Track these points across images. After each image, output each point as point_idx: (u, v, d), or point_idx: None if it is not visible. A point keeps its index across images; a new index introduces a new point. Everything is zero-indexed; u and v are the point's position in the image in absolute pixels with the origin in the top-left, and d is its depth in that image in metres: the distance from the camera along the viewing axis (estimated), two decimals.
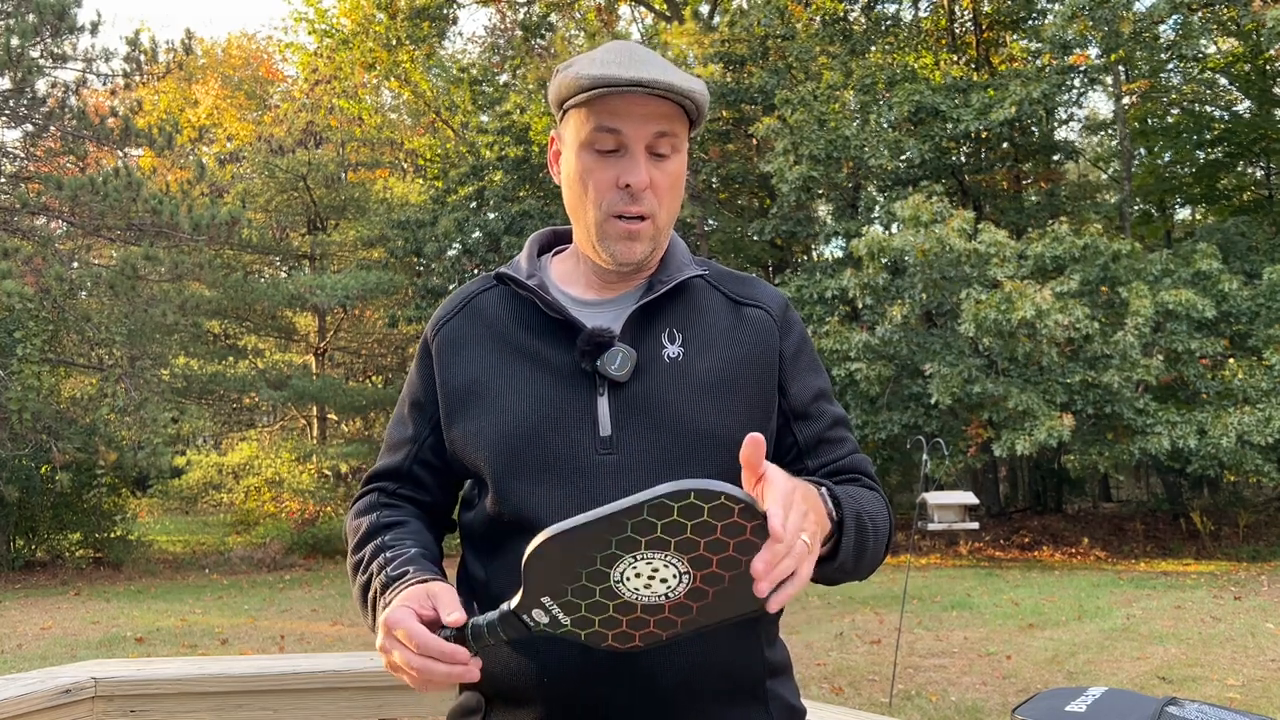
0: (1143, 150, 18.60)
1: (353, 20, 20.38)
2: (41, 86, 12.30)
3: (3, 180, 13.39)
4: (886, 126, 14.71)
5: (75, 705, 1.84)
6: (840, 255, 15.87)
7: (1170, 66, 17.18)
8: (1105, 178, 22.08)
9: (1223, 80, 18.20)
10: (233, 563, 14.48)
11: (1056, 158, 18.46)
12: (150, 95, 19.82)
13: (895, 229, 13.66)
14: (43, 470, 12.98)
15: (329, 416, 19.19)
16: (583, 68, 1.14)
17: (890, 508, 1.23)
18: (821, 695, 6.00)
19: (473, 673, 0.97)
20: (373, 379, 22.62)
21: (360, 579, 1.18)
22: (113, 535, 14.41)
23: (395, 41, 19.91)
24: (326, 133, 19.42)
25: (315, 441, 18.14)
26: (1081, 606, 9.16)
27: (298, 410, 19.03)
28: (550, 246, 1.36)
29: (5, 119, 12.61)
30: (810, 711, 1.29)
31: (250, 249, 17.85)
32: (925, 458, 8.09)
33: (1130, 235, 15.13)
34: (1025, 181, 18.69)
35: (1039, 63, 15.23)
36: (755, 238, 17.56)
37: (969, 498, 10.04)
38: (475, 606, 1.10)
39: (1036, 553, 13.83)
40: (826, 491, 1.09)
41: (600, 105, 1.14)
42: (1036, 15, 17.16)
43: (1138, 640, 7.54)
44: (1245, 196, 19.59)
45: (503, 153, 17.54)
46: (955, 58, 18.46)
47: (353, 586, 1.20)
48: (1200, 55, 16.19)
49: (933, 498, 10.38)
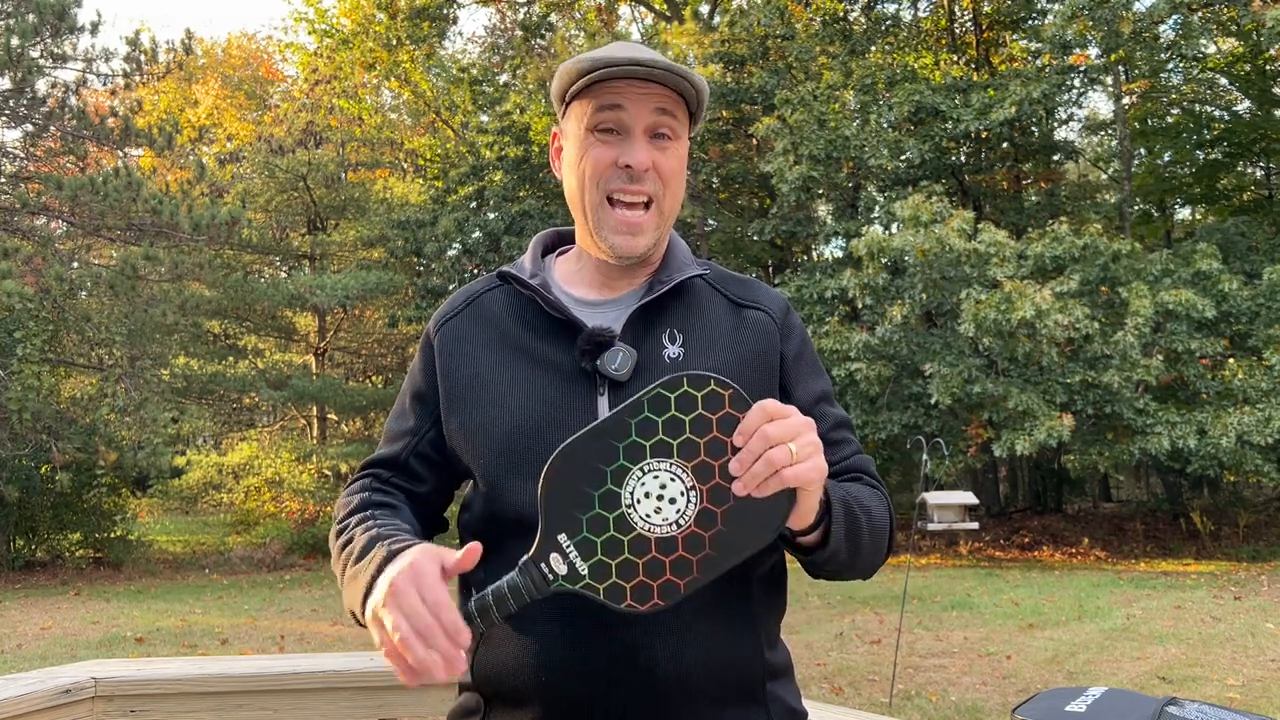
0: (1143, 150, 18.60)
1: (353, 20, 20.39)
2: (41, 86, 12.31)
3: (3, 180, 13.38)
4: (886, 126, 14.70)
5: (75, 705, 1.84)
6: (840, 255, 15.87)
7: (1170, 66, 17.18)
8: (1105, 178, 22.07)
9: (1223, 80, 18.20)
10: (233, 563, 14.48)
11: (1056, 158, 18.46)
12: (150, 95, 19.81)
13: (895, 229, 13.66)
14: (43, 470, 12.98)
15: (329, 416, 19.19)
16: (583, 55, 1.19)
17: (891, 507, 1.22)
18: (821, 695, 6.00)
19: (460, 664, 0.94)
20: (373, 379, 22.62)
21: (342, 540, 1.16)
22: (113, 535, 14.42)
23: (395, 41, 19.92)
24: (326, 133, 19.41)
25: (315, 441, 18.14)
26: (1081, 606, 9.16)
27: (298, 410, 19.03)
28: (554, 247, 1.37)
29: (5, 119, 12.61)
30: (810, 712, 1.29)
31: (250, 249, 17.85)
32: (925, 458, 8.10)
33: (1130, 235, 15.12)
34: (1025, 181, 18.69)
35: (1039, 63, 15.23)
36: (755, 238, 17.56)
37: (969, 498, 10.01)
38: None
39: (1036, 553, 13.83)
40: None
41: (601, 89, 1.18)
42: (1036, 15, 17.17)
43: (1138, 640, 7.54)
44: (1245, 196, 19.59)
45: (503, 153, 17.54)
46: (955, 58, 18.46)
47: (334, 554, 1.18)
48: (1200, 55, 16.18)
49: (933, 498, 10.35)
